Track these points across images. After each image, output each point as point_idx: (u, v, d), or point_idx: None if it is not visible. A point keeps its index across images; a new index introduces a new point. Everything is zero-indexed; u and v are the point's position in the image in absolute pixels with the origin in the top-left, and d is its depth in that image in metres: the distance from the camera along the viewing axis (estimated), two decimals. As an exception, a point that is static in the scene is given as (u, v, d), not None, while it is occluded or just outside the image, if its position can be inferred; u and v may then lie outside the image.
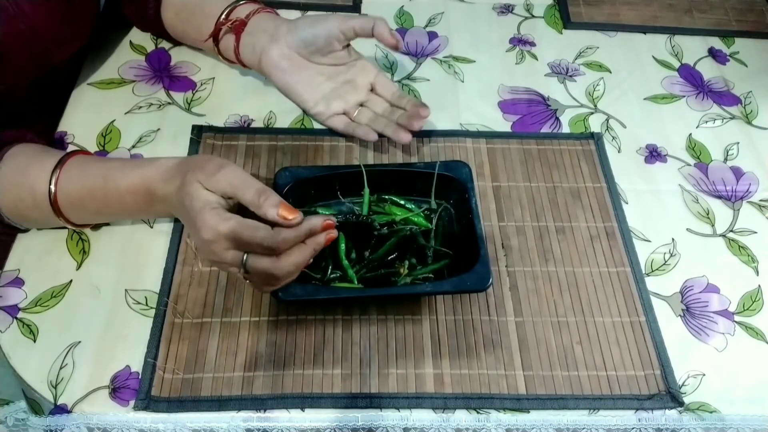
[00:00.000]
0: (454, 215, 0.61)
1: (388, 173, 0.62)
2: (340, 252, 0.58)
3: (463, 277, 0.54)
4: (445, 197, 0.62)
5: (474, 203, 0.58)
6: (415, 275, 0.58)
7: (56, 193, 0.55)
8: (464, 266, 0.55)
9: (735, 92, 0.79)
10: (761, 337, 0.60)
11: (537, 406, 0.54)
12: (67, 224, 0.57)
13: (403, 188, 0.62)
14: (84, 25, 0.67)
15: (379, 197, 0.62)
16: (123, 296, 0.58)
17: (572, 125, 0.74)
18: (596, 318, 0.59)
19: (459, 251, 0.58)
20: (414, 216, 0.61)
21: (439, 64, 0.79)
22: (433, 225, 0.61)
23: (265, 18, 0.67)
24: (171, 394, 0.53)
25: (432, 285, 0.55)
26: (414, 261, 0.59)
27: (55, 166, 0.55)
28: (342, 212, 0.61)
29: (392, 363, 0.55)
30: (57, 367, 0.54)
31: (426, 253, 0.59)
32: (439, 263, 0.59)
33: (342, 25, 0.64)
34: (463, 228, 0.58)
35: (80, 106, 0.71)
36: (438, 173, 0.60)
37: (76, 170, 0.55)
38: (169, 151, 0.67)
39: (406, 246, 0.59)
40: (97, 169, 0.56)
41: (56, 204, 0.55)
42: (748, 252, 0.65)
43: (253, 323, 0.57)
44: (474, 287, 0.54)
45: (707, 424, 0.55)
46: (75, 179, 0.55)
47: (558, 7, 0.87)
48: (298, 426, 0.53)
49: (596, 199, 0.67)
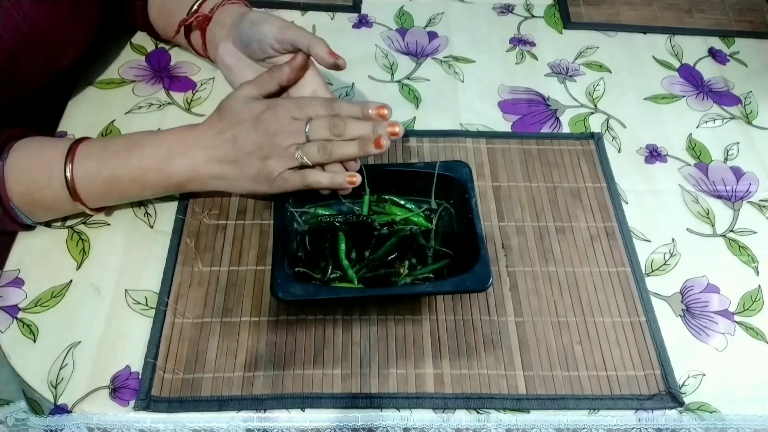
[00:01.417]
0: (454, 215, 0.61)
1: (388, 173, 0.62)
2: (340, 252, 0.58)
3: (463, 277, 0.53)
4: (445, 197, 0.62)
5: (474, 203, 0.58)
6: (415, 275, 0.58)
7: (73, 167, 0.54)
8: (464, 266, 0.54)
9: (735, 92, 0.79)
10: (761, 337, 0.60)
11: (537, 406, 0.54)
12: (78, 202, 0.56)
13: (403, 188, 0.62)
14: (89, 28, 0.67)
15: (379, 197, 0.62)
16: (123, 296, 0.58)
17: (572, 125, 0.74)
18: (596, 318, 0.59)
19: (459, 251, 0.58)
20: (414, 216, 0.61)
21: (439, 64, 0.79)
22: (433, 225, 0.61)
23: (226, 11, 0.64)
24: (171, 394, 0.53)
25: (432, 285, 0.55)
26: (414, 261, 0.59)
27: (72, 144, 0.56)
28: (342, 212, 0.61)
29: (392, 363, 0.55)
30: (57, 367, 0.54)
31: (426, 253, 0.59)
32: (439, 263, 0.59)
33: (278, 34, 0.59)
34: (463, 228, 0.58)
35: (80, 106, 0.71)
36: (438, 173, 0.60)
37: (95, 143, 0.57)
38: (169, 151, 0.67)
39: (406, 246, 0.59)
40: (121, 137, 0.58)
41: (72, 177, 0.54)
42: (748, 252, 0.65)
43: (253, 323, 0.57)
44: (474, 287, 0.54)
45: (707, 424, 0.55)
46: (95, 148, 0.56)
47: (558, 7, 0.87)
48: (298, 426, 0.53)
49: (596, 199, 0.67)
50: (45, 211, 0.59)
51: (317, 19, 0.82)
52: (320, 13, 0.83)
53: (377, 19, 0.83)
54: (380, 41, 0.81)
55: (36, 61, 0.60)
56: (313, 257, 0.58)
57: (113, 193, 0.58)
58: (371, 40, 0.81)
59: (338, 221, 0.61)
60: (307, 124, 0.54)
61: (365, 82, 0.76)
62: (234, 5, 0.65)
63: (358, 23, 0.83)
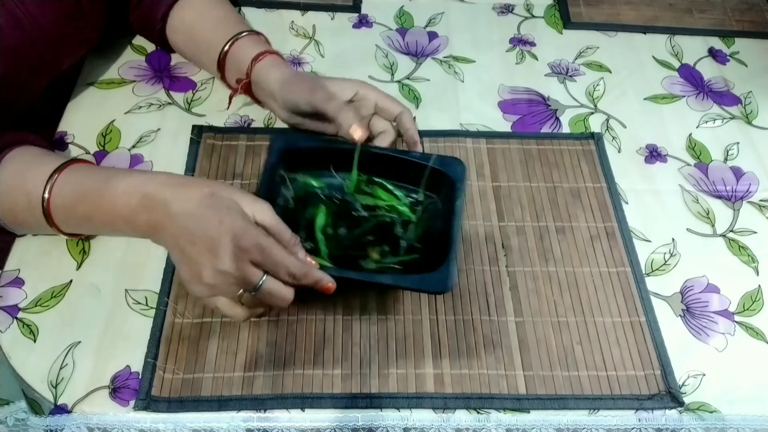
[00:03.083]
0: (441, 211, 0.59)
1: (384, 157, 0.61)
2: (317, 225, 0.57)
3: (425, 276, 0.52)
4: (436, 191, 0.61)
5: (459, 203, 0.57)
6: (383, 263, 0.56)
7: (50, 198, 0.53)
8: (433, 265, 0.53)
9: (735, 92, 0.79)
10: (761, 337, 0.60)
11: (537, 406, 0.54)
12: (55, 229, 0.55)
13: (396, 175, 0.61)
14: (92, 30, 0.67)
15: (369, 179, 0.61)
16: (123, 296, 0.58)
17: (572, 125, 0.74)
18: (596, 318, 0.59)
19: (433, 248, 0.56)
20: (399, 205, 0.60)
21: (439, 64, 0.79)
22: (416, 217, 0.60)
23: (263, 75, 0.64)
24: (171, 394, 0.53)
25: (392, 277, 0.54)
26: (387, 249, 0.58)
27: (54, 171, 0.53)
28: (332, 186, 0.61)
29: (392, 363, 0.55)
30: (57, 367, 0.54)
31: (400, 243, 0.58)
32: (409, 256, 0.57)
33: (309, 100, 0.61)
34: (444, 226, 0.57)
35: (80, 106, 0.71)
36: (432, 167, 0.60)
37: (76, 174, 0.54)
38: (169, 151, 0.67)
39: (383, 233, 0.58)
40: (101, 172, 0.55)
41: (48, 207, 0.53)
42: (748, 252, 0.65)
43: (253, 323, 0.57)
44: (434, 289, 0.53)
45: (707, 424, 0.55)
46: (73, 181, 0.53)
47: (558, 7, 0.87)
48: (298, 426, 0.53)
49: (596, 199, 0.67)
50: (29, 229, 0.59)
51: (317, 19, 0.82)
52: (320, 13, 0.83)
53: (377, 19, 0.83)
54: (380, 41, 0.81)
55: (39, 61, 0.60)
56: (291, 224, 0.54)
57: (90, 229, 0.57)
58: (371, 40, 0.81)
59: (325, 194, 0.60)
60: (263, 277, 0.49)
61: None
62: (266, 63, 0.64)
63: (358, 23, 0.83)
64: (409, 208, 0.61)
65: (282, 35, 0.80)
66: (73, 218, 0.54)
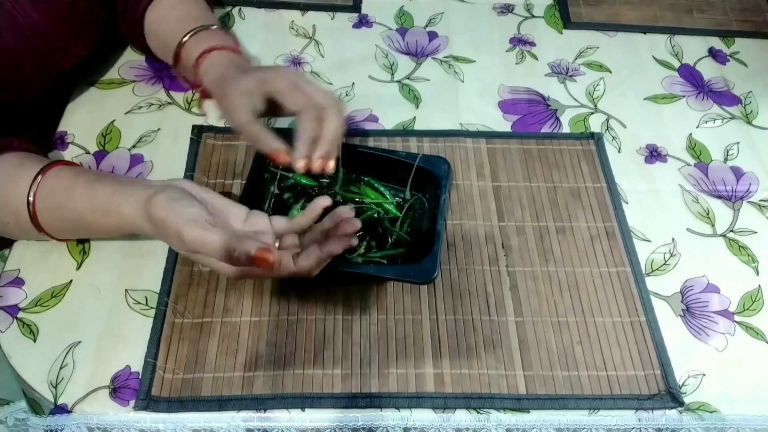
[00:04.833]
0: (427, 209, 0.61)
1: (371, 156, 0.62)
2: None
3: (408, 266, 0.55)
4: (422, 191, 0.63)
5: (443, 200, 0.59)
6: (368, 257, 0.58)
7: (35, 202, 0.53)
8: (418, 259, 0.55)
9: (735, 92, 0.79)
10: (761, 337, 0.60)
11: (537, 406, 0.54)
12: (43, 233, 0.55)
13: (383, 174, 0.63)
14: (91, 31, 0.67)
15: (357, 177, 0.63)
16: (123, 296, 0.58)
17: (572, 125, 0.74)
18: (596, 318, 0.59)
19: (418, 244, 0.59)
20: (386, 203, 0.62)
21: (439, 64, 0.79)
22: (401, 215, 0.61)
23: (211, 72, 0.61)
24: (171, 394, 0.53)
25: (375, 268, 0.56)
26: (373, 243, 0.60)
27: (37, 174, 0.53)
28: (319, 181, 0.63)
29: (392, 363, 0.55)
30: (57, 367, 0.54)
31: (387, 239, 0.60)
32: (395, 250, 0.59)
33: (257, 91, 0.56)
34: (430, 223, 0.59)
35: (80, 106, 0.71)
36: (418, 165, 0.61)
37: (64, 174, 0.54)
38: (170, 151, 0.67)
39: (370, 227, 0.60)
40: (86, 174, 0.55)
41: (34, 211, 0.53)
42: (748, 252, 0.65)
43: (253, 323, 0.57)
44: (417, 279, 0.54)
45: (707, 424, 0.55)
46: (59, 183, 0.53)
47: (558, 7, 0.87)
48: (298, 426, 0.53)
49: (596, 199, 0.67)
50: (18, 237, 0.59)
51: (317, 19, 0.82)
52: (320, 13, 0.83)
53: (377, 19, 0.83)
54: (380, 41, 0.81)
55: (39, 63, 0.60)
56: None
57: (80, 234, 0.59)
58: (371, 40, 0.81)
59: (309, 189, 0.63)
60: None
61: (365, 81, 0.76)
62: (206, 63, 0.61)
63: (358, 23, 0.83)
64: (396, 206, 0.62)
65: (282, 35, 0.80)
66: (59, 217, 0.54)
